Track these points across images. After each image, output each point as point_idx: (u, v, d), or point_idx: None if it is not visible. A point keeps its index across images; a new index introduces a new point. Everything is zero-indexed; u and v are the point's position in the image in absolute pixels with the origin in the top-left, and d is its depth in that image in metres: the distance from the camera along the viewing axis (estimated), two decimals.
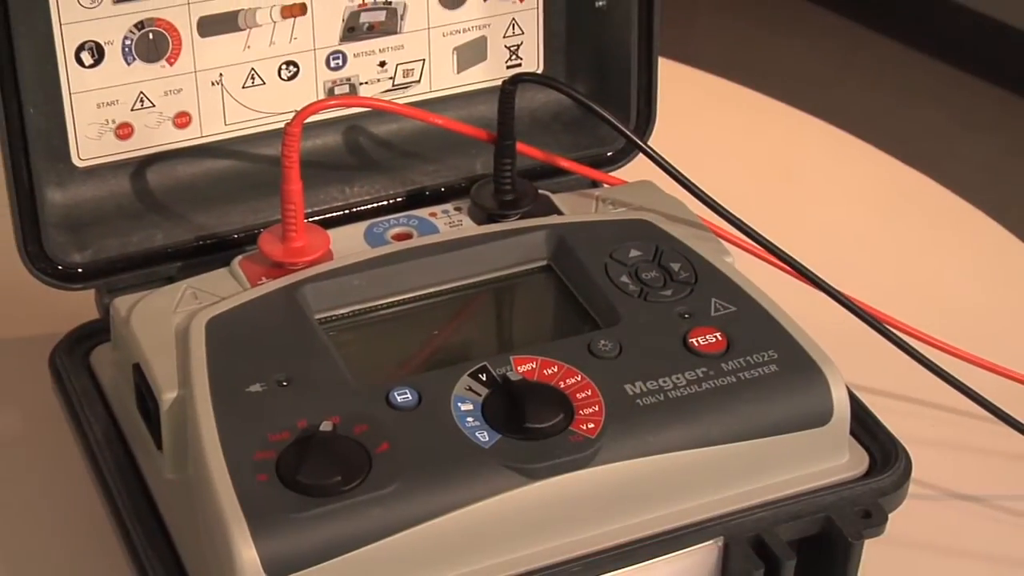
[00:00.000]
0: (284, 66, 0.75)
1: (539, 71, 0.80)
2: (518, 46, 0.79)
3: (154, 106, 0.73)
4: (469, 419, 0.61)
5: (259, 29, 0.73)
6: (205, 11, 0.72)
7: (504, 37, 0.79)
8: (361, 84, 0.77)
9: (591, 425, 0.61)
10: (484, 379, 0.62)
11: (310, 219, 0.72)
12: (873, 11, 2.73)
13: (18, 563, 0.71)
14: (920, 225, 0.97)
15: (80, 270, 0.72)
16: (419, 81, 0.78)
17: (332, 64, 0.76)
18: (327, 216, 0.75)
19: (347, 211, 0.76)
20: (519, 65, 0.80)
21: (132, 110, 0.73)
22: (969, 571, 0.72)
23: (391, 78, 0.77)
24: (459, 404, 0.61)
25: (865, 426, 0.67)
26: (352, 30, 0.75)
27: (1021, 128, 2.49)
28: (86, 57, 0.71)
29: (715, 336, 0.65)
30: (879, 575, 0.66)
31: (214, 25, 0.73)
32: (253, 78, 0.74)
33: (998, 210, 0.99)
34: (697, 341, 0.65)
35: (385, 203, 0.77)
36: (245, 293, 0.67)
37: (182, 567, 0.62)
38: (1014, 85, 2.56)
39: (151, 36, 0.72)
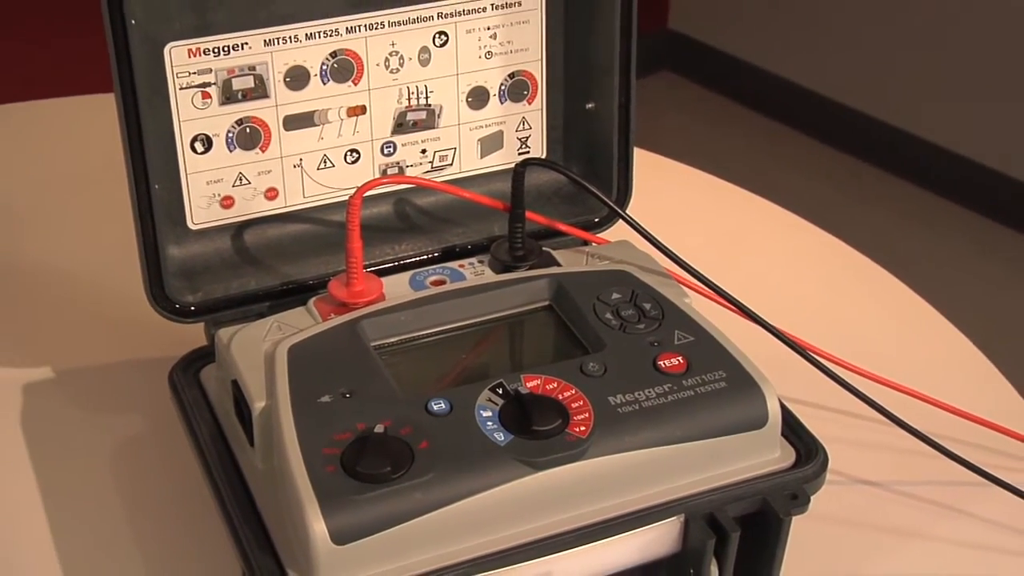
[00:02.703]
0: (348, 153, 0.74)
1: (543, 157, 0.80)
2: (527, 137, 0.79)
3: (250, 183, 0.72)
4: (489, 423, 0.60)
5: (330, 125, 0.73)
6: (289, 111, 0.72)
7: (516, 131, 0.78)
8: (407, 166, 0.76)
9: (583, 428, 0.60)
10: (500, 392, 0.61)
11: (368, 269, 0.72)
12: (796, 117, 2.76)
13: (143, 533, 0.71)
14: (831, 273, 0.96)
15: (192, 308, 0.71)
16: (451, 164, 0.77)
17: (385, 151, 0.75)
18: (381, 267, 0.74)
19: (396, 263, 0.75)
20: (528, 152, 0.79)
21: (233, 186, 0.72)
22: (872, 540, 0.71)
23: (430, 162, 0.77)
24: (481, 411, 0.60)
25: (793, 428, 0.66)
26: (400, 125, 0.75)
27: (901, 201, 2.51)
28: (199, 146, 0.70)
29: (677, 360, 0.64)
30: (804, 544, 0.66)
31: (296, 122, 0.72)
32: (325, 162, 0.74)
33: (886, 263, 0.99)
34: (664, 363, 0.64)
35: (425, 257, 0.76)
36: (318, 326, 0.66)
37: (269, 537, 0.61)
38: (895, 170, 2.58)
39: (248, 130, 0.71)
